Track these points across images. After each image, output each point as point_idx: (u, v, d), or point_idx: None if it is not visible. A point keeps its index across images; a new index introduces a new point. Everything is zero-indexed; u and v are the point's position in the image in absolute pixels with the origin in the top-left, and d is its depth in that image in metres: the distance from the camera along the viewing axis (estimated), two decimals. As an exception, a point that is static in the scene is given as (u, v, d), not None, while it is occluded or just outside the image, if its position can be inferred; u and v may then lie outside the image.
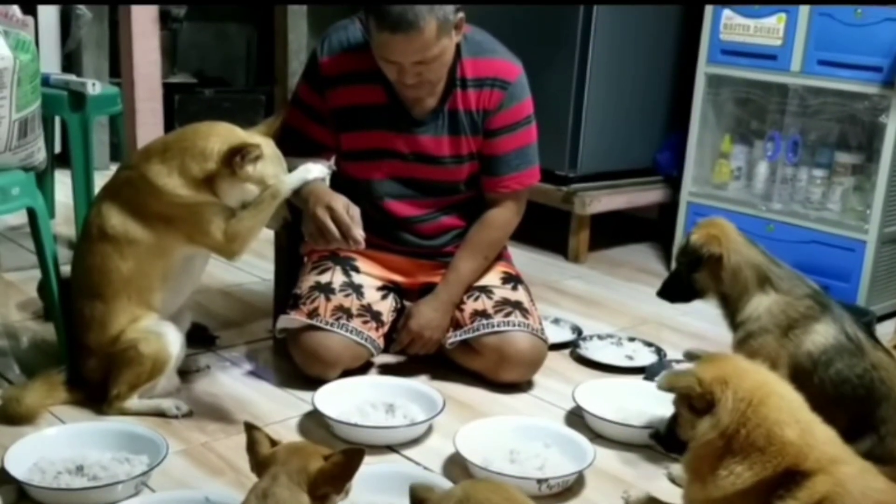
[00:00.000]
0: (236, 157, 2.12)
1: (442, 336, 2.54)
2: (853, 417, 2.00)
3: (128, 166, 2.26)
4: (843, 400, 2.02)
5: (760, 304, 2.11)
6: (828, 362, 2.05)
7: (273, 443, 1.50)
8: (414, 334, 2.53)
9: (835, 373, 2.04)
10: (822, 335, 2.06)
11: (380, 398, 2.33)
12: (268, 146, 2.19)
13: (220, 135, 2.18)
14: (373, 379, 2.50)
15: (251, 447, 1.51)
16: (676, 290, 2.26)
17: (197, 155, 2.15)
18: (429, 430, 2.26)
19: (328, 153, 2.56)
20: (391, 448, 2.17)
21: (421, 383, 2.46)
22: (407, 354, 2.60)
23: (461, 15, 2.32)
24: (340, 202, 2.26)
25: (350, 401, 2.31)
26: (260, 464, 1.48)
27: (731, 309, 2.16)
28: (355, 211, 2.28)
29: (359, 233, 2.24)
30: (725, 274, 2.13)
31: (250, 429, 1.52)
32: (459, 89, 2.47)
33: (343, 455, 1.45)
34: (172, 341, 2.25)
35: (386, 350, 2.60)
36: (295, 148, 2.43)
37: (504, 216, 2.59)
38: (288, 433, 2.21)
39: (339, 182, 2.59)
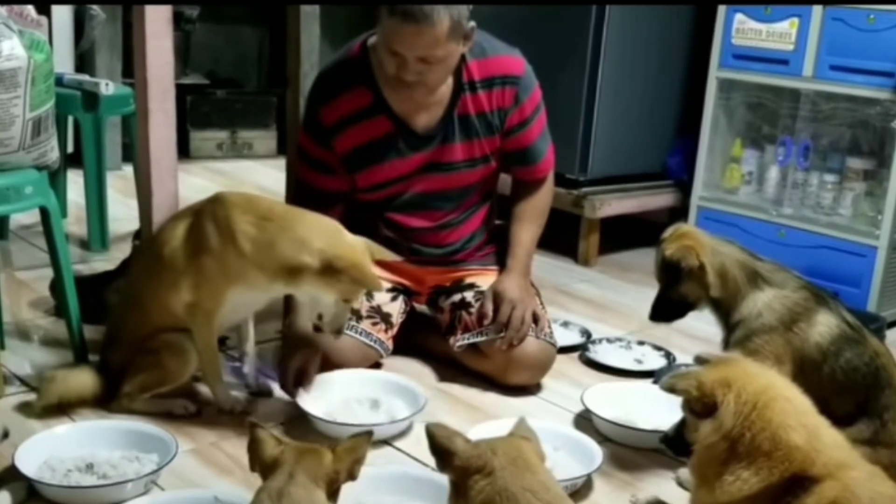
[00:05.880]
0: (339, 270, 2.09)
1: (534, 302, 2.53)
2: (858, 404, 2.02)
3: (224, 202, 2.20)
4: (853, 388, 2.03)
5: (758, 301, 2.08)
6: (837, 352, 2.04)
7: (279, 442, 1.49)
8: (516, 301, 2.45)
9: (845, 362, 2.04)
10: (826, 326, 2.05)
11: (365, 394, 2.34)
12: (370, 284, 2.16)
13: (326, 234, 2.15)
14: (358, 374, 2.45)
15: (254, 446, 1.49)
16: (668, 309, 2.21)
17: (294, 241, 2.11)
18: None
19: (342, 201, 2.54)
20: (400, 450, 2.17)
21: (404, 377, 2.45)
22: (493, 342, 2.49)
23: (473, 24, 2.31)
24: (293, 368, 2.28)
25: (337, 396, 2.32)
26: (266, 463, 1.46)
27: (725, 309, 2.14)
28: (312, 369, 2.30)
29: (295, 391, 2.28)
30: (712, 279, 2.10)
31: (254, 427, 1.50)
32: (468, 93, 2.46)
33: (352, 442, 1.47)
34: (194, 360, 2.26)
35: (394, 352, 2.60)
36: (309, 200, 2.40)
37: (545, 187, 2.67)
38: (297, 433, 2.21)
39: (354, 205, 2.59)
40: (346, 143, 2.47)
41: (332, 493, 1.45)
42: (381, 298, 2.57)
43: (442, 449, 1.43)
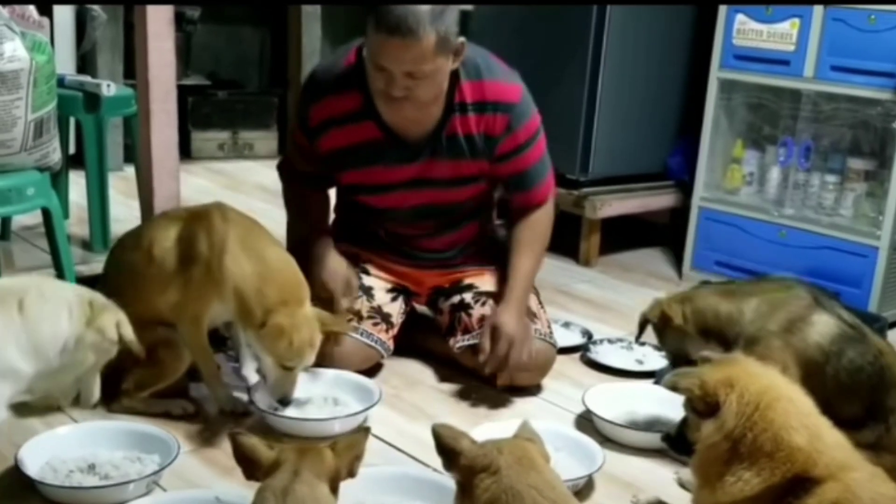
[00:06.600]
0: (284, 340, 2.11)
1: (532, 337, 2.46)
2: (868, 406, 2.00)
3: (226, 217, 2.23)
4: (858, 389, 2.01)
5: (746, 309, 2.09)
6: (839, 352, 2.02)
7: (269, 445, 1.47)
8: (513, 339, 2.39)
9: (848, 362, 2.01)
10: (824, 325, 2.04)
11: (324, 392, 2.35)
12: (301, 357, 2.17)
13: (284, 298, 2.15)
14: (316, 373, 2.42)
15: (247, 455, 1.45)
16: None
17: (257, 289, 2.15)
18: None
19: (330, 185, 2.64)
20: (400, 450, 2.18)
21: (359, 376, 2.44)
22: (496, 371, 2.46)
23: (462, 40, 2.28)
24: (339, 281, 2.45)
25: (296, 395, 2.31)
26: (266, 467, 1.44)
27: (717, 333, 2.14)
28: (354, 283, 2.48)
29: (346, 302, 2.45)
30: (679, 320, 2.16)
31: (237, 436, 1.46)
32: (458, 114, 2.41)
33: (351, 439, 1.49)
34: (188, 354, 2.27)
35: (395, 352, 2.61)
36: (298, 180, 2.55)
37: (544, 212, 2.59)
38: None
39: (344, 203, 2.61)
40: (328, 144, 2.46)
41: (332, 491, 1.45)
42: (382, 299, 2.57)
43: (448, 449, 1.45)
